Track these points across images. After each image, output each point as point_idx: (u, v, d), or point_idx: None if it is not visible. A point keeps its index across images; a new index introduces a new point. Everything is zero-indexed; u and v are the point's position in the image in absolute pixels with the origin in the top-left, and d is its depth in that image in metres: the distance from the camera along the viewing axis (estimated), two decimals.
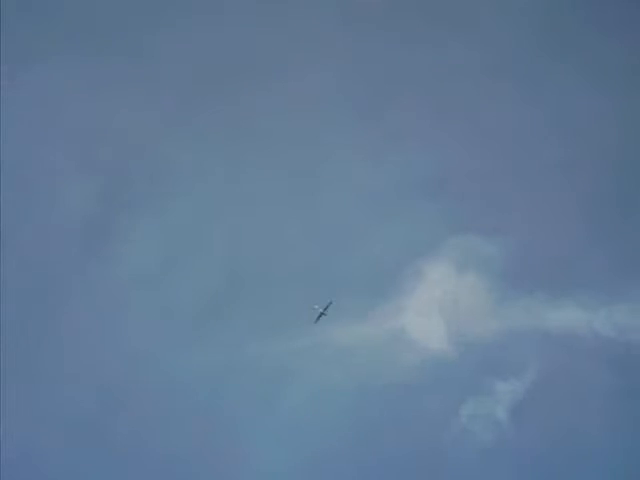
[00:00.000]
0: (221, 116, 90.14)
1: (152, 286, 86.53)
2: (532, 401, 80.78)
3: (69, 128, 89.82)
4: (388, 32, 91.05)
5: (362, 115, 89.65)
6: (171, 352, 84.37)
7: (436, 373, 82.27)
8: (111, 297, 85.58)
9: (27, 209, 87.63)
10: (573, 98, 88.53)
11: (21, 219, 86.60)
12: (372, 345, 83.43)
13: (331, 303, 76.38)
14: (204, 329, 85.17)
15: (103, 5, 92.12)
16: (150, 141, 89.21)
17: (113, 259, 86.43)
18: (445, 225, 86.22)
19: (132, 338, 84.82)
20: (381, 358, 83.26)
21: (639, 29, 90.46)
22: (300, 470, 79.91)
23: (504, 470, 79.36)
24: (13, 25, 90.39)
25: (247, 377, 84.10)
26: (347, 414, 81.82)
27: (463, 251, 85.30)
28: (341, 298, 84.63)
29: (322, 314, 75.97)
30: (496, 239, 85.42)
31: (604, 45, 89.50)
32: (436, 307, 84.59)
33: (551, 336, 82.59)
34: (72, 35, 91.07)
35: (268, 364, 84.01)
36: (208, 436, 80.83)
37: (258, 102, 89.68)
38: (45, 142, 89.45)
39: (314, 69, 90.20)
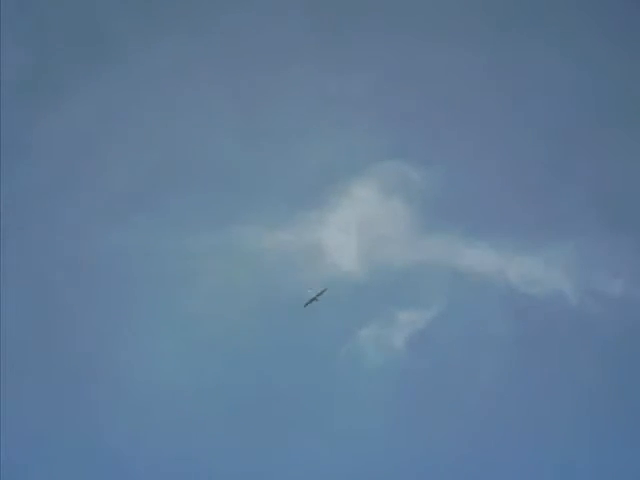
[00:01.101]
0: None
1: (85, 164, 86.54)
2: (430, 334, 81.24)
3: None
4: None
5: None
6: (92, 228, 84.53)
7: (341, 292, 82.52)
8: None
9: None
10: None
11: None
12: (283, 254, 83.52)
13: (325, 290, 77.39)
14: (125, 213, 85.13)
15: None
16: None
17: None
18: (378, 148, 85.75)
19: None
20: (289, 269, 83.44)
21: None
22: (189, 369, 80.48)
23: (392, 396, 79.84)
24: None
25: (155, 268, 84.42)
26: (246, 320, 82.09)
27: (390, 177, 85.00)
28: (262, 203, 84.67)
29: (314, 299, 77.07)
30: (425, 170, 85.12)
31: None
32: (354, 228, 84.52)
33: (461, 275, 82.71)
34: None
35: (176, 258, 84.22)
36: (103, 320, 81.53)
37: None
38: None
39: None
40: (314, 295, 77.86)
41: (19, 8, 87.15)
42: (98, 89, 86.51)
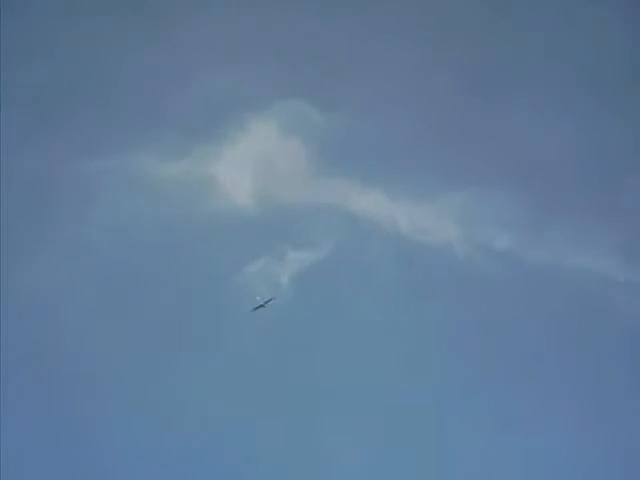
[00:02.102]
0: None
1: None
2: (317, 274, 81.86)
3: None
4: None
5: None
6: None
7: (233, 226, 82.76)
8: None
9: None
10: None
11: None
12: (177, 184, 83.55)
13: (272, 299, 78.21)
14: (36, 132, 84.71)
15: None
16: None
17: None
18: (283, 87, 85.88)
19: None
20: (185, 199, 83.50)
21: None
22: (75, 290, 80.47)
23: (277, 333, 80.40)
24: None
25: (57, 190, 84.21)
26: (137, 248, 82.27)
27: (292, 116, 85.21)
28: (159, 132, 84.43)
29: (261, 306, 78.27)
30: (328, 113, 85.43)
31: None
32: (250, 163, 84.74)
33: (353, 219, 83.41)
34: None
35: (78, 181, 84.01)
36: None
37: None
38: None
39: None
40: (262, 302, 79.14)
41: None
42: None
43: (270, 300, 78.77)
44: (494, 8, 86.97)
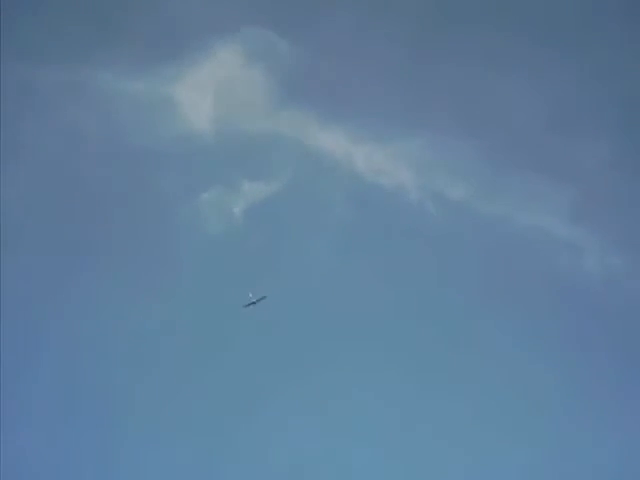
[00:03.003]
0: None
1: None
2: (270, 206, 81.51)
3: None
4: None
5: None
6: None
7: (189, 151, 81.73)
8: None
9: None
10: None
11: None
12: (134, 103, 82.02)
13: (264, 298, 76.38)
14: None
15: None
16: None
17: None
18: (249, 13, 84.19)
19: None
20: (143, 120, 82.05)
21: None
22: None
23: (228, 262, 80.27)
24: None
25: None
26: (90, 165, 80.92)
27: (258, 44, 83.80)
28: (119, 47, 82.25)
29: (252, 303, 76.66)
30: (295, 44, 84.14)
31: None
32: (212, 89, 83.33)
33: (310, 154, 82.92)
34: None
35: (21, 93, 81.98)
36: None
37: None
38: None
39: None
40: (254, 300, 77.98)
41: None
42: None
43: (262, 298, 78.04)
44: None
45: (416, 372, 76.76)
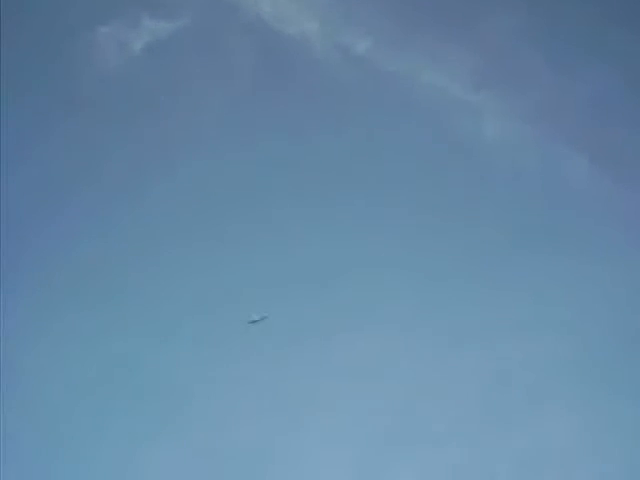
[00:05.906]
0: None
1: None
2: (171, 44, 79.49)
3: None
4: None
5: None
6: None
7: None
8: None
9: None
10: None
11: None
12: None
13: (266, 317, 74.29)
14: None
15: None
16: None
17: None
18: None
19: None
20: None
21: None
22: None
23: (124, 98, 78.70)
24: None
25: None
26: None
27: None
28: None
29: (255, 321, 74.03)
30: None
31: None
32: None
33: None
34: None
35: None
36: None
37: None
38: None
39: None
40: (257, 319, 75.84)
41: None
42: None
43: (264, 318, 76.50)
44: None
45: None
